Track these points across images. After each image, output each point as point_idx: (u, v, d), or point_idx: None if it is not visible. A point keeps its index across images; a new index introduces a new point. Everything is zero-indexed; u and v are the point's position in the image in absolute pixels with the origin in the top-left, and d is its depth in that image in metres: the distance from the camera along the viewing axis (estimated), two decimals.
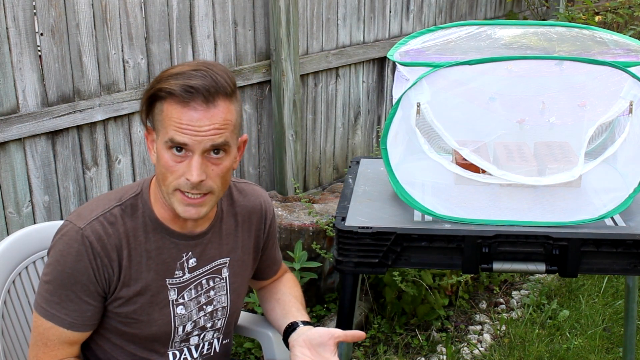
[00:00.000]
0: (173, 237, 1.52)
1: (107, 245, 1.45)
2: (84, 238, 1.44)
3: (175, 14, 2.99)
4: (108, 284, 1.48)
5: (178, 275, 1.54)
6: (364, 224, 1.57)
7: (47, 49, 2.58)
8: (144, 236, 1.50)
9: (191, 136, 1.37)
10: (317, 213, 3.11)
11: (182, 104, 1.37)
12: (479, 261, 1.54)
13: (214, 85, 1.38)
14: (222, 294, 1.62)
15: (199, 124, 1.37)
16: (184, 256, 1.54)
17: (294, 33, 3.46)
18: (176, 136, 1.37)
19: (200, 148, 1.38)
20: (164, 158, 1.40)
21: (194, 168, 1.38)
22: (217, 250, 1.59)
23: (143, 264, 1.50)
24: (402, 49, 1.66)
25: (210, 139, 1.38)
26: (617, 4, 5.38)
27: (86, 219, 1.47)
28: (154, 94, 1.41)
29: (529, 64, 1.51)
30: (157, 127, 1.43)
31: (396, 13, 4.27)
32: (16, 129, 2.50)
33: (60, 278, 1.45)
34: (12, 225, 2.58)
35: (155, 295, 1.52)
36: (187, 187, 1.40)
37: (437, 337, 3.12)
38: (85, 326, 1.49)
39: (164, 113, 1.39)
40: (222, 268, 1.61)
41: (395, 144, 1.63)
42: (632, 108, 1.51)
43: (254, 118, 3.51)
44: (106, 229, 1.46)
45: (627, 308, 2.28)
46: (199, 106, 1.37)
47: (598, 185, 1.67)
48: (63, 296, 1.45)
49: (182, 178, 1.40)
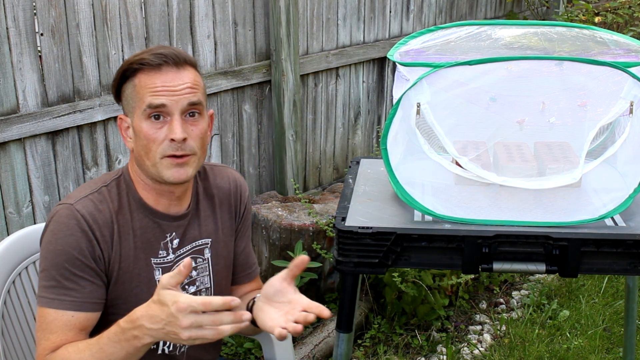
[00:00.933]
0: (156, 217, 1.55)
1: (99, 220, 1.48)
2: (75, 212, 1.46)
3: (175, 14, 2.99)
4: (102, 259, 1.48)
5: (162, 255, 1.56)
6: (364, 224, 1.57)
7: (47, 49, 2.58)
8: (129, 214, 1.53)
9: (168, 97, 1.44)
10: (317, 213, 3.11)
11: (154, 69, 1.45)
12: (479, 261, 1.54)
13: (180, 53, 1.49)
14: (205, 275, 1.64)
15: (173, 83, 1.45)
16: (167, 236, 1.57)
17: (294, 33, 3.46)
18: (154, 100, 1.44)
19: (178, 107, 1.45)
20: (144, 129, 1.46)
21: (175, 127, 1.44)
22: (197, 231, 1.62)
23: (130, 241, 1.52)
24: (402, 49, 1.66)
25: (186, 98, 1.46)
26: (617, 4, 5.38)
27: (76, 197, 1.50)
28: (125, 71, 1.48)
29: (529, 64, 1.51)
30: (132, 106, 1.49)
31: (396, 13, 4.27)
32: (16, 129, 2.50)
33: (53, 258, 1.45)
34: (12, 225, 2.58)
35: (141, 275, 1.53)
36: (171, 149, 1.46)
37: (437, 337, 3.12)
38: (87, 304, 1.46)
39: (137, 86, 1.46)
40: (204, 249, 1.63)
41: (395, 144, 1.63)
42: (632, 108, 1.51)
43: (254, 118, 3.51)
44: (96, 205, 1.49)
45: (627, 308, 2.28)
46: (170, 69, 1.46)
47: (598, 185, 1.67)
48: (59, 277, 1.45)
49: (165, 142, 1.45)
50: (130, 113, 1.50)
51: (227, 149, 3.40)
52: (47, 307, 1.45)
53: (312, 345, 2.89)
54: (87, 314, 1.47)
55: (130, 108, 1.49)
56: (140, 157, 1.50)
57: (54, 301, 1.45)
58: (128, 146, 1.54)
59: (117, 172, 1.58)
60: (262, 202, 3.36)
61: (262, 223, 3.07)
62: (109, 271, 1.50)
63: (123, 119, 1.53)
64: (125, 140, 1.54)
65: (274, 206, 3.25)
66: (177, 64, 1.47)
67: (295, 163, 3.64)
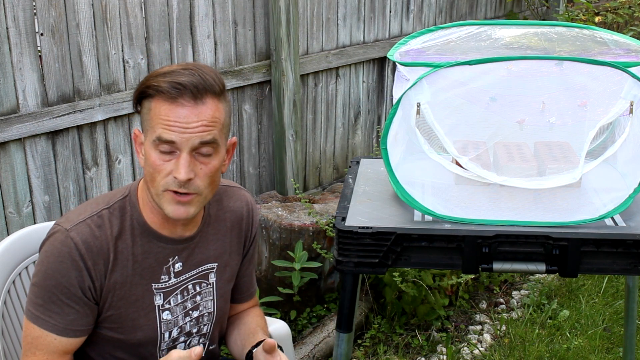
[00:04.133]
0: (160, 242, 1.51)
1: (93, 247, 1.44)
2: (69, 240, 1.43)
3: (175, 14, 2.99)
4: (92, 289, 1.45)
5: (164, 280, 1.53)
6: (364, 224, 1.57)
7: (47, 49, 2.58)
8: (130, 239, 1.48)
9: (179, 133, 1.36)
10: (317, 213, 3.11)
11: (170, 100, 1.36)
12: (479, 261, 1.54)
13: (202, 82, 1.37)
14: (209, 300, 1.61)
15: (187, 120, 1.36)
16: (170, 260, 1.53)
17: (294, 33, 3.46)
18: (164, 134, 1.36)
19: (189, 146, 1.37)
20: (152, 157, 1.39)
21: (181, 166, 1.37)
22: (204, 255, 1.58)
23: (129, 267, 1.48)
24: (402, 49, 1.66)
25: (198, 136, 1.37)
26: (617, 4, 5.38)
27: (73, 221, 1.46)
28: (142, 91, 1.40)
29: (529, 64, 1.51)
30: (145, 127, 1.42)
31: (396, 13, 4.27)
32: (16, 129, 2.50)
33: (43, 280, 1.44)
34: (12, 225, 2.58)
35: (140, 300, 1.50)
36: (174, 185, 1.39)
37: (437, 337, 3.12)
38: (69, 331, 1.46)
39: (152, 112, 1.39)
40: (209, 273, 1.60)
41: (395, 144, 1.63)
42: (632, 108, 1.51)
43: (254, 118, 3.51)
44: (93, 231, 1.45)
45: (627, 308, 2.28)
46: (187, 103, 1.36)
47: (598, 185, 1.67)
48: (46, 298, 1.44)
49: (170, 176, 1.38)
50: (144, 132, 1.43)
51: None
52: (32, 322, 1.46)
53: (312, 345, 2.89)
54: (68, 339, 1.46)
55: (144, 128, 1.43)
56: (147, 180, 1.45)
57: (38, 319, 1.45)
58: (140, 162, 1.48)
59: (123, 192, 1.52)
60: (262, 202, 3.36)
61: (262, 223, 3.07)
62: (101, 298, 1.48)
63: (138, 134, 1.47)
64: (139, 155, 1.47)
65: (274, 206, 3.25)
66: (195, 97, 1.36)
67: (295, 163, 3.64)
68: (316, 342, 2.91)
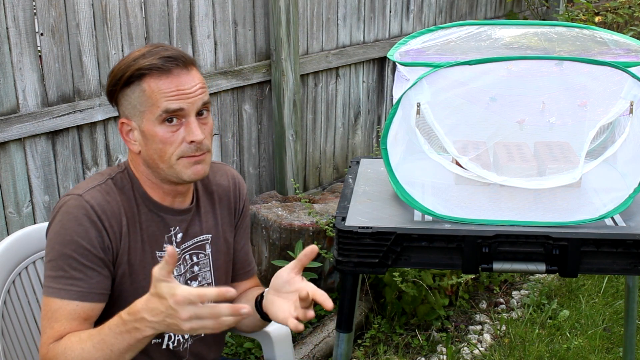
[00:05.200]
0: (161, 212, 1.56)
1: (107, 211, 1.48)
2: (84, 202, 1.46)
3: (175, 14, 2.99)
4: (111, 250, 1.48)
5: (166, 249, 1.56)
6: (364, 224, 1.57)
7: (47, 49, 2.58)
8: (135, 207, 1.54)
9: (184, 100, 1.45)
10: (317, 213, 3.11)
11: (166, 73, 1.45)
12: (479, 261, 1.54)
13: (185, 54, 1.50)
14: (206, 270, 1.65)
15: (187, 86, 1.46)
16: (171, 230, 1.58)
17: (294, 33, 3.46)
18: (171, 105, 1.44)
19: (194, 109, 1.47)
20: (159, 134, 1.46)
21: (195, 128, 1.47)
22: (198, 227, 1.63)
23: (138, 234, 1.53)
24: (402, 49, 1.66)
25: (200, 98, 1.48)
26: (617, 4, 5.38)
27: (84, 188, 1.50)
28: (131, 75, 1.46)
29: (529, 64, 1.51)
30: (140, 110, 1.48)
31: (396, 13, 4.27)
32: (16, 129, 2.50)
33: (61, 248, 1.45)
34: (12, 225, 2.58)
35: (147, 267, 1.52)
36: (190, 150, 1.47)
37: (437, 337, 3.12)
38: (94, 295, 1.46)
39: (148, 91, 1.45)
40: (205, 244, 1.65)
41: (395, 144, 1.63)
42: (632, 108, 1.51)
43: (254, 118, 3.51)
44: (104, 196, 1.49)
45: (627, 308, 2.28)
46: (181, 71, 1.46)
47: (598, 185, 1.67)
48: (66, 267, 1.44)
49: (184, 144, 1.47)
50: (137, 117, 1.49)
51: (227, 148, 3.40)
52: (53, 297, 1.45)
53: (312, 345, 2.89)
54: (92, 304, 1.47)
55: (137, 112, 1.48)
56: (152, 160, 1.50)
57: (60, 291, 1.45)
58: (133, 150, 1.52)
59: (120, 167, 1.58)
60: (262, 202, 3.36)
61: (262, 223, 3.07)
62: (117, 263, 1.50)
63: (125, 122, 1.52)
64: (129, 143, 1.53)
65: (274, 206, 3.25)
66: (185, 64, 1.47)
67: (295, 163, 3.64)
68: (316, 342, 2.91)
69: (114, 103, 1.55)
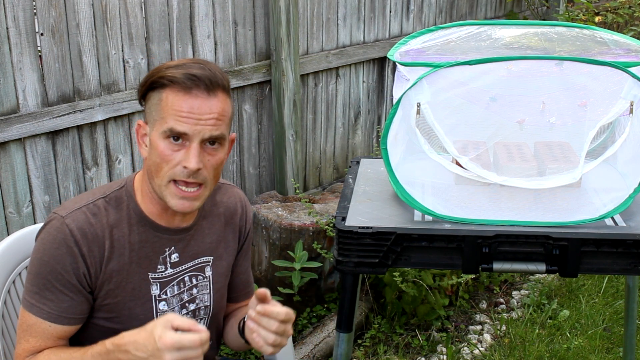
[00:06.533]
0: (157, 231, 1.53)
1: (88, 234, 1.45)
2: (64, 226, 1.44)
3: (175, 14, 2.99)
4: (87, 276, 1.46)
5: (160, 270, 1.54)
6: (364, 224, 1.57)
7: (47, 49, 2.58)
8: (127, 228, 1.50)
9: (192, 125, 1.39)
10: (317, 213, 3.11)
11: (184, 91, 1.39)
12: (479, 261, 1.54)
13: (214, 77, 1.41)
14: (205, 293, 1.62)
15: (200, 111, 1.39)
16: (166, 250, 1.54)
17: (294, 33, 3.46)
18: (177, 125, 1.39)
19: (200, 137, 1.40)
20: (160, 147, 1.41)
21: (192, 155, 1.39)
22: (200, 247, 1.60)
23: (126, 256, 1.49)
24: (402, 49, 1.66)
25: (209, 129, 1.40)
26: (617, 4, 5.38)
27: (69, 209, 1.47)
28: (155, 81, 1.42)
29: (529, 64, 1.51)
30: (154, 118, 1.44)
31: (396, 13, 4.27)
32: (16, 129, 2.50)
33: (38, 267, 1.45)
34: (12, 225, 2.58)
35: (137, 289, 1.51)
36: (183, 175, 1.41)
37: (437, 337, 3.12)
38: (63, 318, 1.46)
39: (163, 102, 1.41)
40: (205, 266, 1.61)
41: (395, 144, 1.63)
42: (632, 108, 1.51)
43: (254, 118, 3.51)
44: (89, 218, 1.46)
45: (628, 308, 2.28)
46: (200, 94, 1.39)
47: (598, 185, 1.67)
48: (41, 285, 1.45)
49: (179, 166, 1.41)
50: (151, 123, 1.45)
51: None
52: (27, 310, 1.47)
53: (312, 345, 2.89)
54: (63, 326, 1.47)
55: (152, 119, 1.44)
56: (150, 171, 1.46)
57: (33, 307, 1.46)
58: (142, 153, 1.49)
59: (119, 184, 1.54)
60: (262, 202, 3.36)
61: (262, 223, 3.07)
62: (97, 287, 1.48)
63: (142, 125, 1.48)
64: (140, 146, 1.49)
65: (274, 206, 3.25)
66: (208, 89, 1.39)
67: (295, 163, 3.64)
68: (316, 342, 2.91)
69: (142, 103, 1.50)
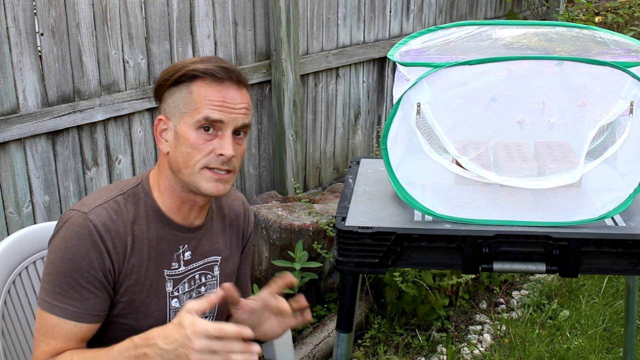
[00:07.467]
0: (172, 228, 1.54)
1: (112, 230, 1.46)
2: (88, 222, 1.44)
3: (175, 14, 2.99)
4: (112, 272, 1.47)
5: (174, 267, 1.56)
6: (364, 224, 1.57)
7: (47, 49, 2.58)
8: (146, 225, 1.51)
9: (227, 113, 1.45)
10: (317, 213, 3.11)
11: (217, 82, 1.45)
12: (479, 261, 1.54)
13: (238, 71, 1.50)
14: (212, 292, 1.63)
15: (234, 101, 1.46)
16: (180, 248, 1.56)
17: (294, 33, 3.46)
18: (212, 114, 1.44)
19: (233, 125, 1.46)
20: (192, 138, 1.45)
21: (228, 143, 1.45)
22: (209, 247, 1.62)
23: (145, 252, 1.51)
24: (402, 49, 1.66)
25: (242, 117, 1.47)
26: (617, 4, 5.38)
27: (90, 205, 1.48)
28: (183, 75, 1.46)
29: (529, 64, 1.51)
30: (181, 111, 1.47)
31: (396, 13, 4.27)
32: (16, 129, 2.50)
33: (60, 266, 1.44)
34: (12, 225, 2.58)
35: (154, 286, 1.53)
36: (217, 162, 1.46)
37: (437, 337, 3.12)
38: (89, 316, 1.46)
39: (195, 94, 1.45)
40: (214, 265, 1.63)
41: (395, 144, 1.63)
42: (632, 108, 1.51)
43: (254, 118, 3.51)
44: (110, 215, 1.47)
45: (628, 308, 2.28)
46: (233, 85, 1.47)
47: (598, 185, 1.67)
48: (64, 285, 1.43)
49: (212, 154, 1.46)
50: (175, 117, 1.47)
51: None
52: (49, 312, 1.44)
53: (312, 345, 2.89)
54: (88, 325, 1.46)
55: (177, 112, 1.47)
56: (176, 164, 1.48)
57: (56, 308, 1.44)
58: (162, 149, 1.51)
59: (135, 180, 1.55)
60: (262, 202, 3.36)
61: (262, 223, 3.07)
62: (119, 282, 1.49)
63: (163, 120, 1.50)
64: (159, 142, 1.51)
65: (274, 206, 3.25)
66: (238, 82, 1.48)
67: (295, 163, 3.64)
68: (316, 342, 2.91)
69: (158, 99, 1.53)
